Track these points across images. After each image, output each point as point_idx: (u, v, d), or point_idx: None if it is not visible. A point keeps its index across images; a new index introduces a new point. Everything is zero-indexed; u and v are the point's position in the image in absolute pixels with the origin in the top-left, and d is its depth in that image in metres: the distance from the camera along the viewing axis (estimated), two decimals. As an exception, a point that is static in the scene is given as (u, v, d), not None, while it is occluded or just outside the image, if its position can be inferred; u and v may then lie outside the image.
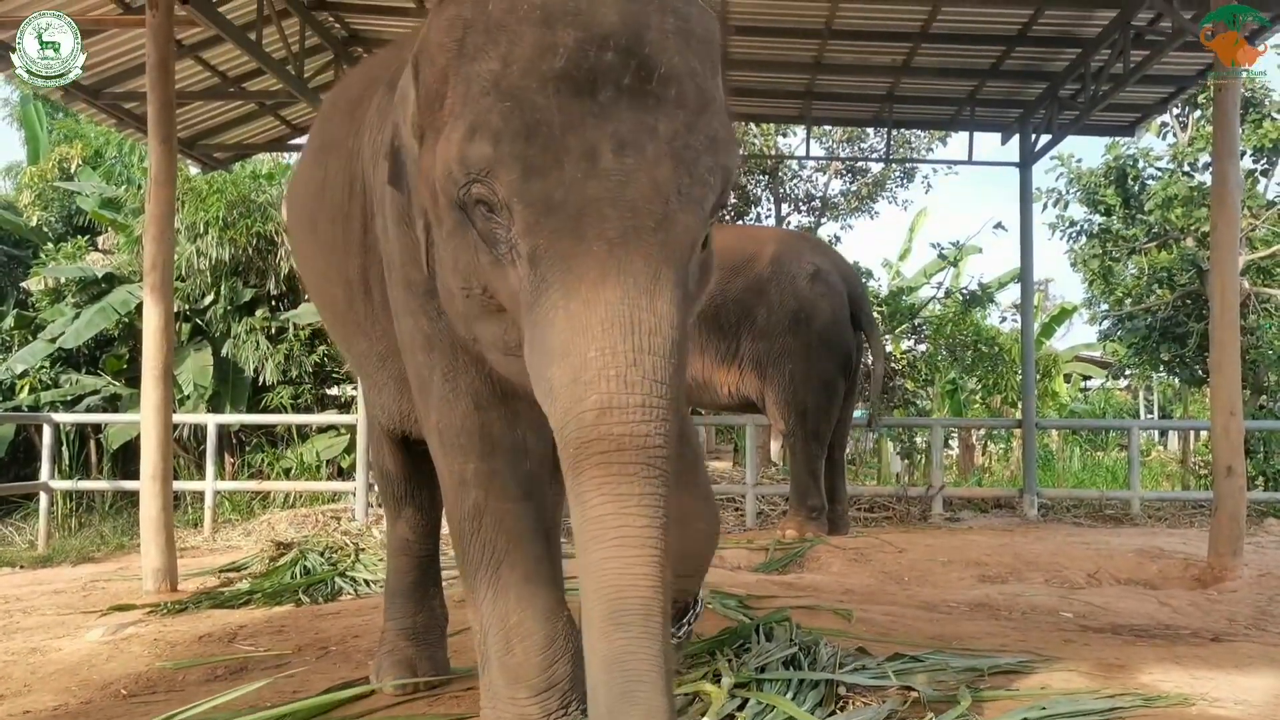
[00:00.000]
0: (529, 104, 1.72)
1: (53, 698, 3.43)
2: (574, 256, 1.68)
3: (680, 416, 1.76)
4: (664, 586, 1.63)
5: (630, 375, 1.63)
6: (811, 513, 7.63)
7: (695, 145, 1.74)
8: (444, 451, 2.35)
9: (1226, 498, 6.18)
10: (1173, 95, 9.74)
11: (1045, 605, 5.15)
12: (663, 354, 1.66)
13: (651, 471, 1.63)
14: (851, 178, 15.15)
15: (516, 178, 1.72)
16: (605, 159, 1.69)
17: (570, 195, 1.69)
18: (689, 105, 1.76)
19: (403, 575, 3.43)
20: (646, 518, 1.62)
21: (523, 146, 1.71)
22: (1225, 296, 6.30)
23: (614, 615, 1.60)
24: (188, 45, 8.17)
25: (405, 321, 2.41)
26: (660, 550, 1.62)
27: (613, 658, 1.60)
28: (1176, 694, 2.99)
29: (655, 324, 1.66)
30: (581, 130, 1.69)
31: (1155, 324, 13.03)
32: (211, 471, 9.23)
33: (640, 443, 1.63)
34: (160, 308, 5.94)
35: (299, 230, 3.36)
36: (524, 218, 1.73)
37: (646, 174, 1.70)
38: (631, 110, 1.71)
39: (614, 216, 1.68)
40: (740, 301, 7.86)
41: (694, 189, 1.74)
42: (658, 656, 1.61)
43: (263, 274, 11.60)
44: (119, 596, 5.57)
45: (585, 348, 1.65)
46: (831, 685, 2.83)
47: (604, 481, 1.63)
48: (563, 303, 1.68)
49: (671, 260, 1.71)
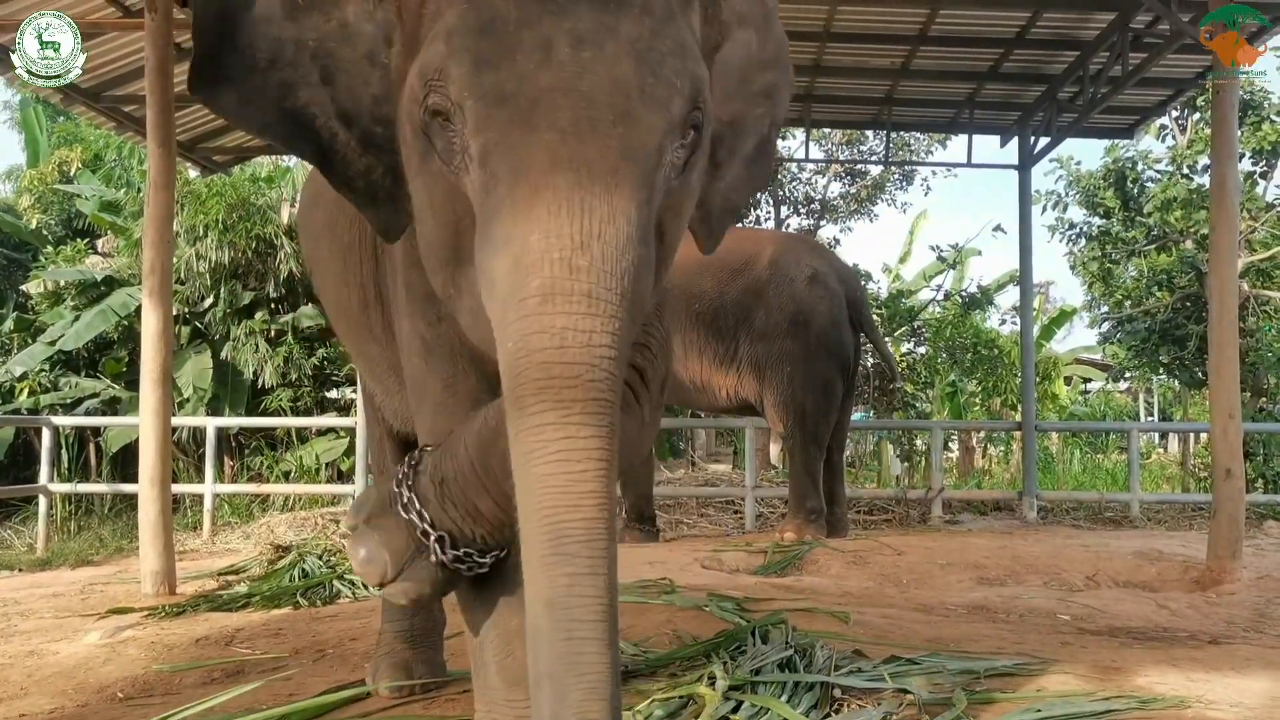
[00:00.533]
0: (484, 4, 1.63)
1: (49, 701, 3.43)
2: (524, 146, 1.56)
3: (635, 327, 1.60)
4: (611, 507, 1.50)
5: (577, 260, 1.48)
6: (810, 515, 7.63)
7: (660, 48, 1.63)
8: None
9: (1225, 500, 6.17)
10: (1171, 98, 9.74)
11: (1043, 608, 5.14)
12: (616, 245, 1.51)
13: (598, 374, 1.49)
14: (850, 180, 15.16)
15: (466, 70, 1.61)
16: (561, 52, 1.58)
17: (523, 87, 1.57)
18: (654, 13, 1.66)
19: None
20: (592, 427, 1.48)
21: (474, 40, 1.61)
22: (1224, 299, 6.29)
23: (556, 542, 1.47)
24: (187, 48, 8.14)
25: (403, 324, 2.35)
26: (607, 465, 1.49)
27: (555, 598, 1.47)
28: (1172, 696, 2.99)
29: (609, 214, 1.52)
30: (538, 26, 1.60)
31: (1155, 326, 13.04)
32: (211, 474, 9.23)
33: (585, 339, 1.48)
34: (159, 311, 5.94)
35: (314, 233, 3.29)
36: (475, 114, 1.61)
37: (605, 69, 1.58)
38: (592, 10, 1.61)
39: (567, 106, 1.56)
40: (739, 304, 7.88)
41: (658, 89, 1.61)
42: (604, 597, 1.48)
43: (262, 277, 11.61)
44: (117, 599, 5.58)
45: (528, 231, 1.51)
46: (827, 688, 2.83)
47: (545, 385, 1.48)
48: (509, 193, 1.55)
49: (632, 159, 1.57)
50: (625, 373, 1.58)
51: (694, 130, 1.72)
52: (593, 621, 1.47)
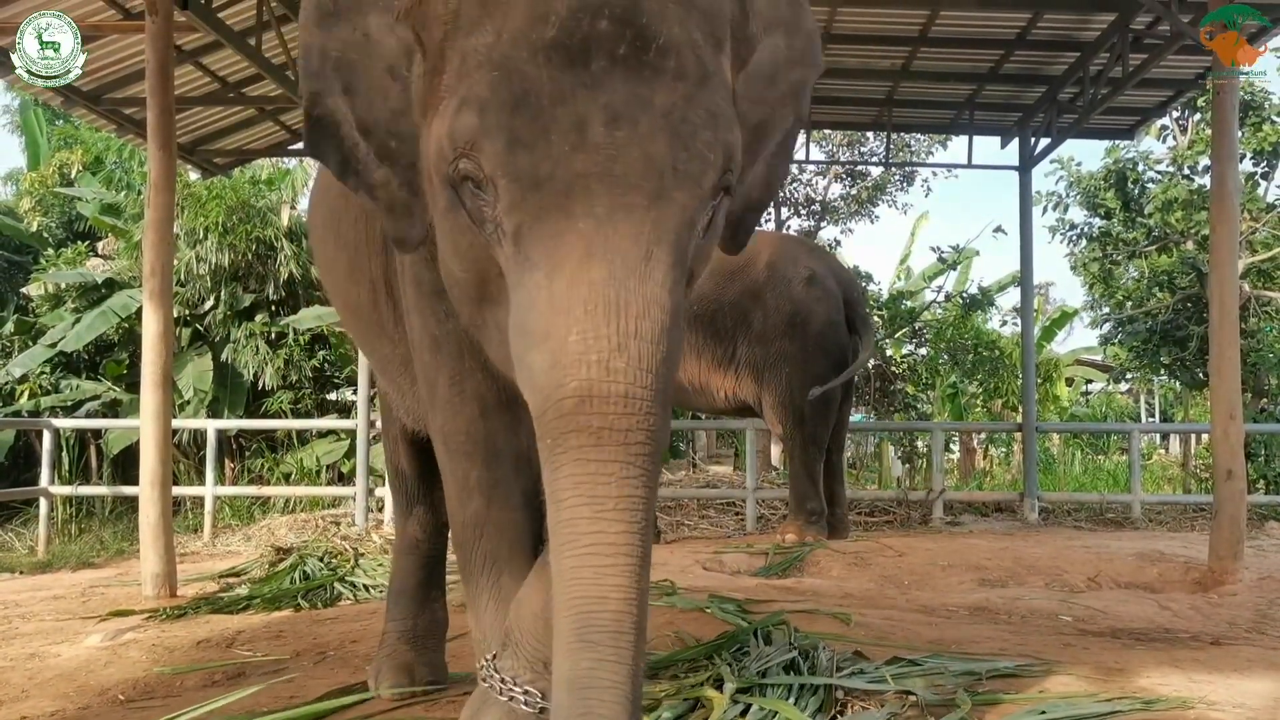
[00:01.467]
0: (518, 74, 1.61)
1: (51, 703, 3.42)
2: (559, 234, 1.58)
3: (669, 411, 1.64)
4: (639, 600, 1.53)
5: (614, 362, 1.52)
6: (811, 516, 7.63)
7: (693, 119, 1.62)
8: (449, 456, 2.30)
9: (1227, 501, 6.16)
10: (1172, 98, 9.75)
11: (1045, 609, 5.14)
12: (651, 340, 1.54)
13: (632, 470, 1.52)
14: (851, 181, 15.16)
15: (501, 149, 1.61)
16: (595, 132, 1.58)
17: (557, 170, 1.58)
18: (688, 77, 1.64)
19: (408, 576, 3.38)
20: (624, 523, 1.52)
21: (508, 118, 1.60)
22: (1224, 300, 6.29)
23: (582, 631, 1.51)
24: (187, 50, 8.18)
25: (414, 320, 2.34)
26: (637, 559, 1.52)
27: (576, 681, 1.51)
28: (1175, 697, 2.98)
29: (644, 307, 1.54)
30: (571, 102, 1.59)
31: (1156, 327, 13.03)
32: (211, 477, 9.23)
33: (621, 438, 1.52)
34: (160, 313, 5.94)
35: (323, 230, 3.26)
36: (509, 193, 1.62)
37: (639, 148, 1.58)
38: (625, 82, 1.60)
39: (602, 192, 1.57)
40: (737, 306, 7.88)
41: (691, 164, 1.62)
42: (624, 684, 1.51)
43: (262, 279, 11.62)
44: (118, 602, 5.58)
45: (566, 331, 1.53)
46: (830, 689, 2.83)
47: (580, 480, 1.52)
48: (545, 283, 1.57)
49: (665, 240, 1.59)
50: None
51: (724, 191, 1.73)
52: (611, 703, 1.49)
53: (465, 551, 2.30)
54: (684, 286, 1.67)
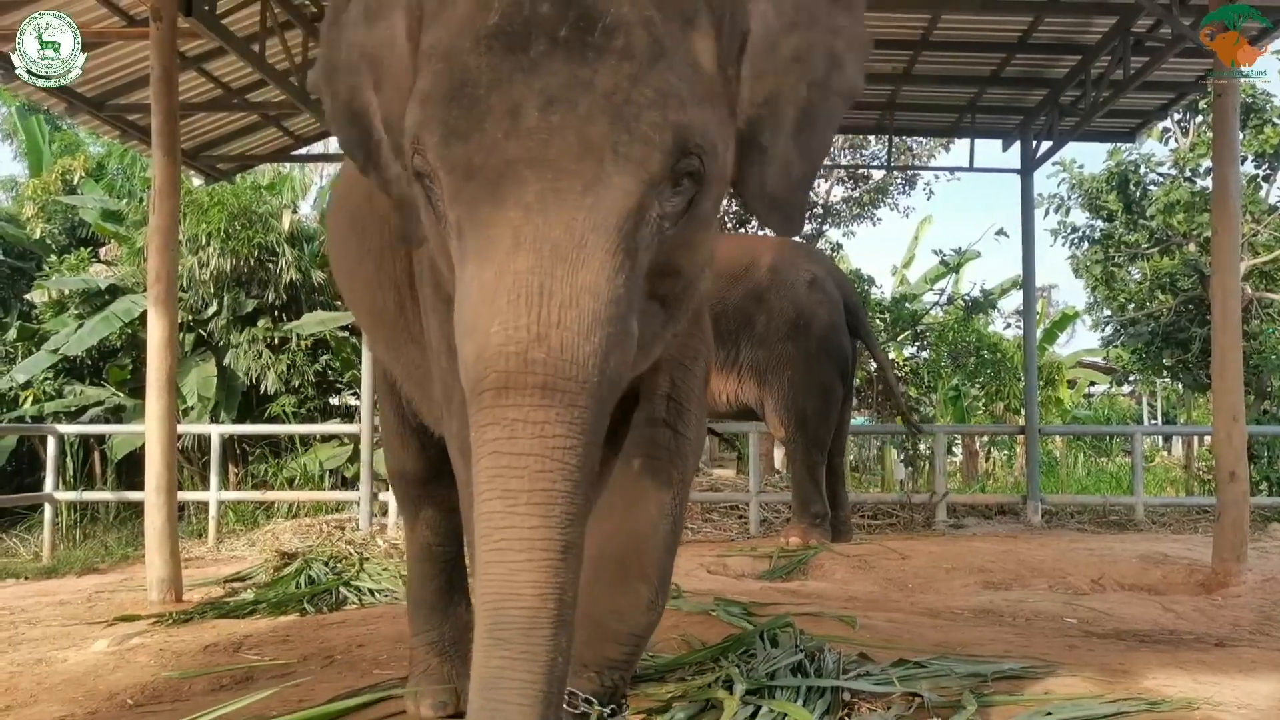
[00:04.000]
0: (459, 65, 1.58)
1: (59, 708, 3.43)
2: (490, 224, 1.53)
3: (605, 404, 1.58)
4: (558, 595, 1.49)
5: (533, 353, 1.47)
6: (815, 520, 7.64)
7: (638, 100, 1.55)
8: (465, 461, 2.26)
9: (1230, 503, 6.17)
10: (1173, 101, 9.76)
11: (1049, 611, 5.15)
12: (577, 329, 1.49)
13: (547, 464, 1.48)
14: (853, 185, 15.18)
15: (438, 141, 1.59)
16: (529, 117, 1.53)
17: (490, 158, 1.54)
18: (635, 56, 1.56)
19: (426, 583, 3.27)
20: (538, 517, 1.47)
21: (444, 109, 1.57)
22: (1227, 302, 6.30)
23: (493, 627, 1.48)
24: (191, 57, 8.20)
25: (431, 323, 2.32)
26: (553, 554, 1.48)
27: (486, 679, 1.49)
28: (1180, 698, 2.99)
29: (571, 296, 1.49)
30: (507, 88, 1.54)
31: (1158, 329, 13.04)
32: (216, 482, 9.24)
33: (537, 430, 1.48)
34: (165, 319, 5.95)
35: (340, 236, 3.21)
36: (448, 186, 1.60)
37: (574, 132, 1.52)
38: (566, 64, 1.54)
39: (532, 179, 1.52)
40: (739, 309, 7.88)
41: (633, 147, 1.54)
42: (536, 682, 1.47)
43: (264, 284, 11.63)
44: (124, 607, 5.58)
45: (489, 322, 1.50)
46: (838, 692, 2.84)
47: (495, 474, 1.49)
48: (476, 274, 1.54)
49: (603, 227, 1.53)
50: (597, 449, 1.58)
51: (689, 177, 1.65)
52: (518, 705, 1.47)
53: None
54: (634, 277, 1.59)
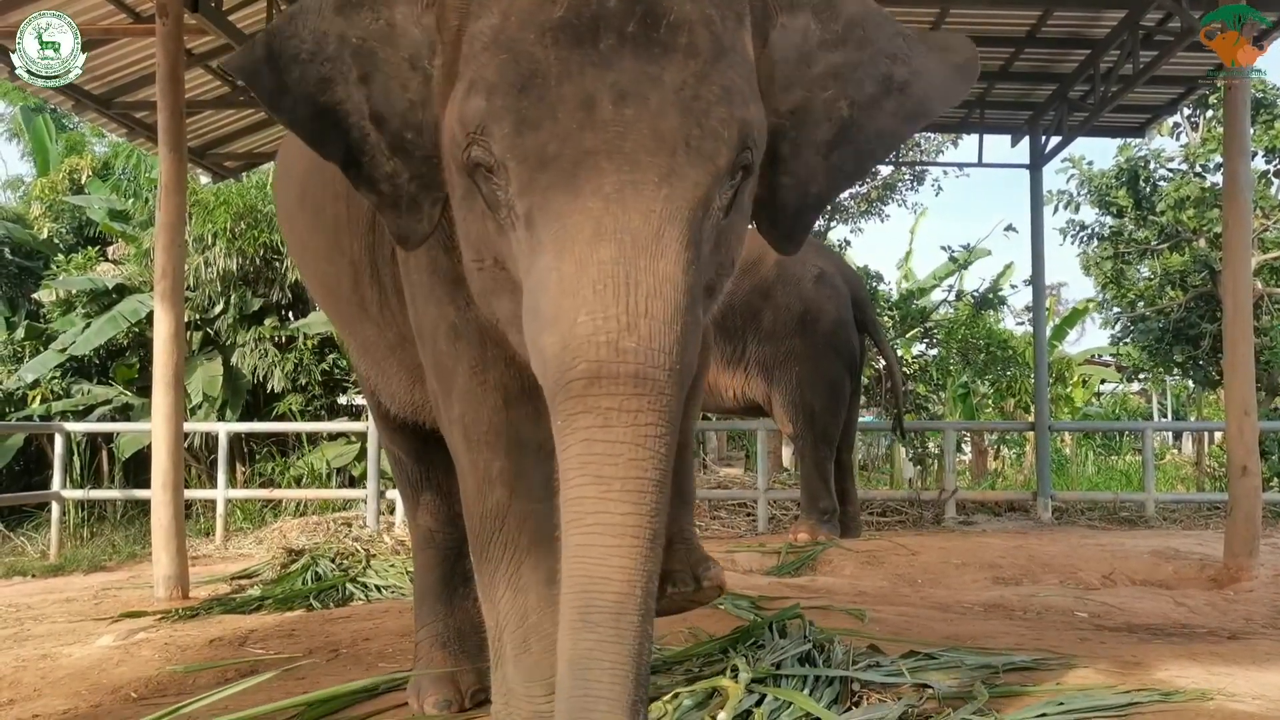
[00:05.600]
0: (525, 56, 1.61)
1: (63, 701, 3.42)
2: (567, 214, 1.55)
3: (684, 393, 1.60)
4: (645, 582, 1.51)
5: (624, 342, 1.49)
6: (823, 515, 7.60)
7: (706, 96, 1.60)
8: (468, 447, 2.25)
9: (1242, 498, 6.13)
10: (1183, 95, 9.71)
11: (1060, 606, 5.12)
12: (663, 319, 1.51)
13: (641, 453, 1.50)
14: (861, 181, 15.13)
15: (509, 132, 1.60)
16: (604, 109, 1.56)
17: (564, 148, 1.56)
18: (700, 54, 1.62)
19: (428, 572, 3.23)
20: (630, 504, 1.49)
21: (515, 99, 1.59)
22: (1238, 296, 6.26)
23: (584, 611, 1.50)
24: (198, 54, 8.18)
25: (429, 309, 2.28)
26: (644, 541, 1.50)
27: (577, 660, 1.50)
28: (1194, 689, 2.96)
29: (655, 286, 1.52)
30: (579, 80, 1.57)
31: (1168, 326, 12.98)
32: (223, 480, 9.23)
33: (630, 419, 1.49)
34: (171, 315, 5.93)
35: (295, 210, 3.17)
36: (518, 176, 1.61)
37: (649, 125, 1.56)
38: (635, 59, 1.59)
39: (611, 170, 1.54)
40: (746, 304, 7.83)
41: (704, 141, 1.59)
42: (626, 664, 1.49)
43: (270, 284, 11.62)
44: (130, 604, 5.57)
45: (575, 312, 1.51)
46: (846, 682, 2.81)
47: (587, 461, 1.50)
48: (555, 264, 1.56)
49: (678, 218, 1.56)
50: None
51: (743, 170, 1.70)
52: (609, 684, 1.49)
53: (482, 542, 2.27)
54: (701, 267, 1.63)
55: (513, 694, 2.26)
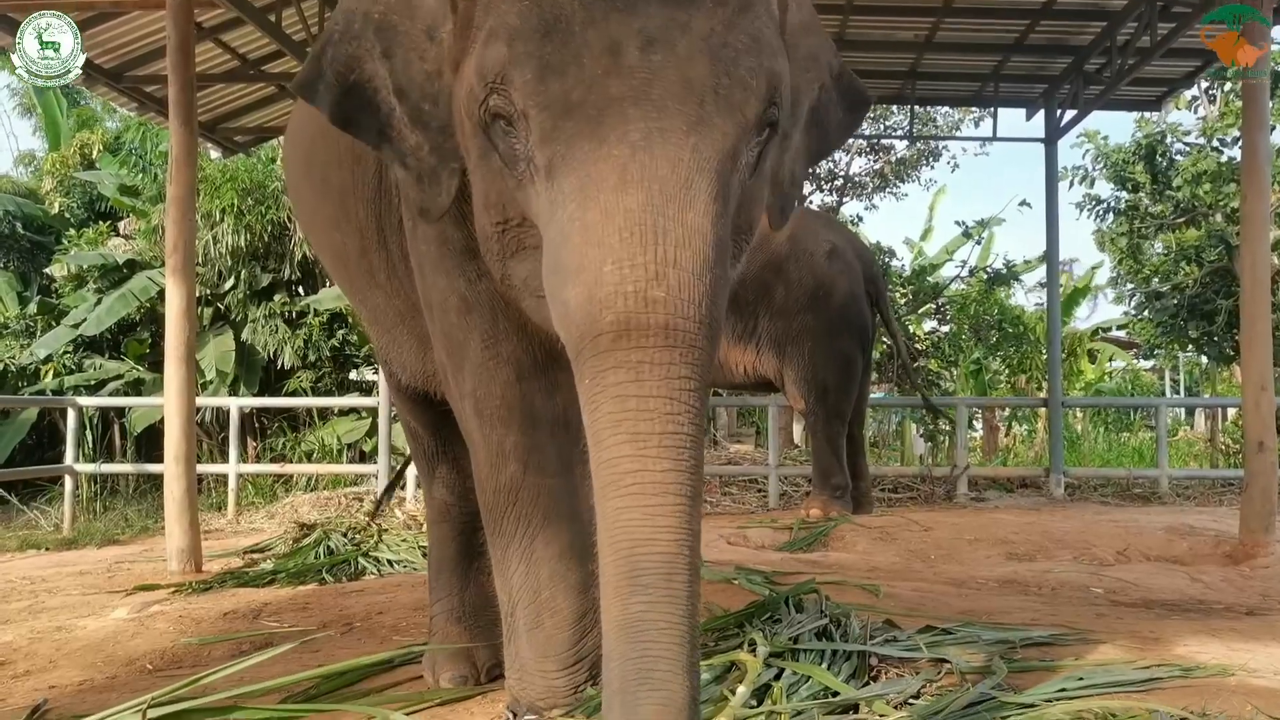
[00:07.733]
0: (548, 1, 1.56)
1: (78, 673, 3.43)
2: (592, 162, 1.50)
3: (715, 350, 1.55)
4: (691, 541, 1.45)
5: (653, 292, 1.43)
6: (835, 491, 7.58)
7: (734, 44, 1.56)
8: (480, 421, 2.22)
9: (1258, 473, 6.10)
10: (1200, 68, 9.59)
11: (1075, 581, 5.09)
12: (692, 270, 1.46)
13: (676, 406, 1.44)
14: (875, 156, 15.02)
15: (531, 78, 1.55)
16: (630, 55, 1.51)
17: (590, 95, 1.51)
18: (728, 3, 1.58)
19: (444, 546, 3.18)
20: (670, 460, 1.43)
21: (538, 44, 1.54)
22: (1256, 270, 6.21)
23: (632, 574, 1.42)
24: (208, 28, 8.14)
25: (438, 280, 2.24)
26: (687, 498, 1.44)
27: (629, 624, 1.42)
28: (1214, 665, 2.94)
29: (684, 236, 1.46)
30: (605, 25, 1.52)
31: (1183, 301, 12.88)
32: (235, 454, 9.25)
33: (663, 372, 1.44)
34: (183, 289, 5.92)
35: (302, 176, 3.15)
36: (540, 124, 1.56)
37: (677, 72, 1.51)
38: (663, 5, 1.54)
39: (638, 117, 1.49)
40: (758, 280, 7.78)
41: (733, 90, 1.55)
42: (681, 624, 1.42)
43: (280, 259, 11.61)
44: (144, 577, 5.58)
45: (601, 262, 1.45)
46: (864, 657, 2.80)
47: (621, 419, 1.44)
48: (579, 214, 1.50)
49: (707, 169, 1.51)
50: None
51: (770, 126, 1.66)
52: (666, 644, 1.42)
53: (496, 515, 2.26)
54: (728, 223, 1.58)
55: (526, 669, 2.26)
